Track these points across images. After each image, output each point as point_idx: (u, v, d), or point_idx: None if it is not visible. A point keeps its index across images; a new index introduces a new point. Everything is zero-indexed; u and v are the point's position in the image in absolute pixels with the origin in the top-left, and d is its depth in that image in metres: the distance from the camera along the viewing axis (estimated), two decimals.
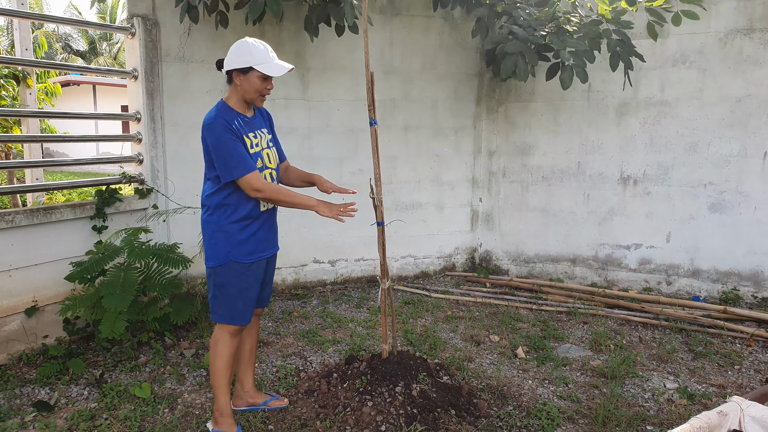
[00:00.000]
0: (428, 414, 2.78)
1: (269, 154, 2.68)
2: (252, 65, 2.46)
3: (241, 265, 2.58)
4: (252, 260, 2.61)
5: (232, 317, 2.63)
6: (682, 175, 4.89)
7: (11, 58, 5.52)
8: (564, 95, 5.20)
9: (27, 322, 3.56)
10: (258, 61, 2.46)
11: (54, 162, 4.47)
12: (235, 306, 2.61)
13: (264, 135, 2.68)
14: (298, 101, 4.96)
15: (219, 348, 2.66)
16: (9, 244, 3.46)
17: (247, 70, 2.48)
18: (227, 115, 2.50)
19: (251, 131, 2.58)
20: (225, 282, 2.59)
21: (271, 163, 2.68)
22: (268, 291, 2.89)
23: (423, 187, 5.50)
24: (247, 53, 2.46)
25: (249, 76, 2.49)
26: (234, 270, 2.58)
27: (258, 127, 2.66)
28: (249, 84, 2.50)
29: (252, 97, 2.55)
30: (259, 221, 2.63)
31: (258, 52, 2.47)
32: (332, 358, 3.66)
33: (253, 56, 2.46)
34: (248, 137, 2.54)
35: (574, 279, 5.37)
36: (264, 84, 2.52)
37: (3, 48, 19.33)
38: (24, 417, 2.83)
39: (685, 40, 4.75)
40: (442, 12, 5.25)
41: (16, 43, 6.51)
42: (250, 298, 2.65)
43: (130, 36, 4.27)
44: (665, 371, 3.54)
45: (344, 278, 5.36)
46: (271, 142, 2.74)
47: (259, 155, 2.59)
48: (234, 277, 2.59)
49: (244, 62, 2.46)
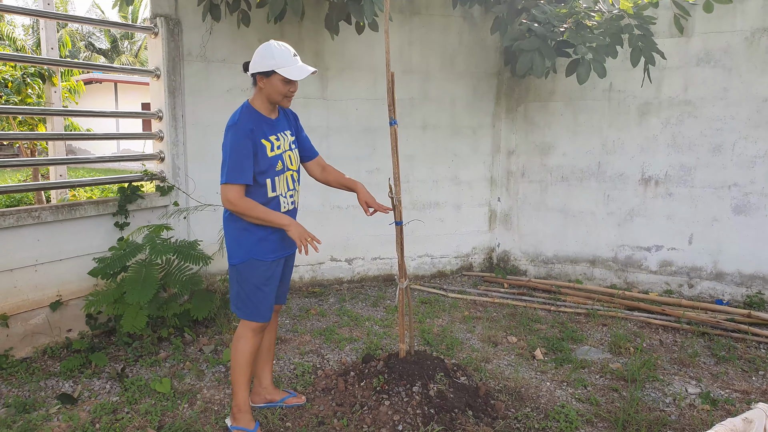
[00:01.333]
0: (445, 414, 2.78)
1: (291, 156, 2.69)
2: (274, 69, 2.47)
3: (261, 263, 2.61)
4: (272, 258, 2.64)
5: (254, 314, 2.66)
6: (706, 176, 4.81)
7: (39, 58, 5.63)
8: (584, 95, 5.15)
9: (51, 316, 3.63)
10: (280, 65, 2.47)
11: (78, 159, 4.54)
12: (257, 303, 2.65)
13: (287, 137, 2.69)
14: (317, 100, 4.98)
15: (241, 345, 2.69)
16: (35, 239, 3.53)
17: (269, 73, 2.49)
18: (251, 119, 2.53)
19: (273, 134, 2.60)
20: (246, 279, 2.62)
21: (292, 165, 2.70)
22: (285, 288, 2.91)
23: (440, 186, 5.49)
24: (269, 57, 2.47)
25: (272, 79, 2.50)
26: (255, 268, 2.61)
27: (281, 129, 2.67)
28: (272, 87, 2.52)
29: (276, 99, 2.57)
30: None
31: (280, 56, 2.48)
32: (349, 356, 3.67)
33: (275, 59, 2.47)
34: (269, 140, 2.57)
35: (593, 280, 5.31)
36: (287, 87, 2.54)
37: (29, 47, 19.70)
38: (49, 409, 2.89)
39: (710, 39, 4.67)
40: (461, 11, 5.23)
41: (42, 42, 6.63)
42: (270, 294, 2.68)
43: (153, 35, 4.32)
44: (687, 375, 3.49)
45: (361, 277, 5.37)
46: (294, 144, 2.76)
47: (280, 158, 2.61)
48: (255, 274, 2.62)
49: (266, 66, 2.48)
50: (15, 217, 3.39)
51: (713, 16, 4.53)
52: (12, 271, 3.43)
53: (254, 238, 2.59)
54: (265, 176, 2.55)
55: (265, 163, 2.54)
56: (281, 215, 2.56)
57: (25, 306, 3.50)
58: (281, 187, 2.65)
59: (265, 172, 2.55)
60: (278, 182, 2.62)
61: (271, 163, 2.57)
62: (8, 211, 3.39)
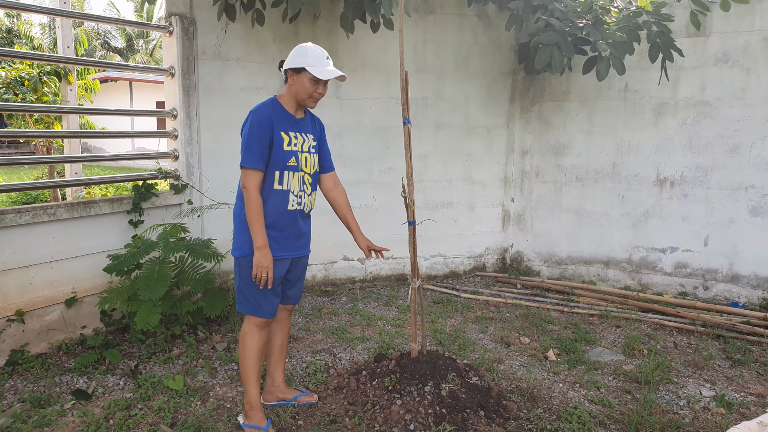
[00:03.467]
0: (457, 414, 2.77)
1: (308, 158, 2.69)
2: (305, 66, 2.52)
3: None
4: (274, 257, 2.59)
5: (255, 309, 2.66)
6: (722, 178, 4.75)
7: (56, 57, 5.69)
8: (600, 94, 5.11)
9: (66, 312, 3.67)
10: (311, 64, 2.52)
11: (93, 157, 4.59)
12: (258, 298, 2.64)
13: (308, 139, 2.71)
14: (330, 99, 4.98)
15: (247, 341, 2.70)
16: (51, 236, 3.57)
17: (300, 70, 2.54)
18: (272, 109, 2.58)
19: (293, 130, 2.62)
20: (247, 274, 2.61)
21: (307, 167, 2.69)
22: (297, 289, 2.89)
23: (454, 186, 5.48)
24: (303, 55, 2.54)
25: (300, 76, 2.55)
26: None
27: (304, 130, 2.70)
28: (300, 85, 2.56)
29: (302, 98, 2.59)
30: (286, 219, 2.63)
31: (313, 56, 2.54)
32: (361, 355, 3.67)
33: (307, 58, 2.53)
34: (287, 134, 2.59)
35: (607, 282, 5.27)
36: (314, 87, 2.57)
37: (45, 45, 19.93)
38: (63, 404, 2.92)
39: (728, 39, 4.61)
40: (476, 10, 5.21)
41: (59, 41, 6.71)
42: (269, 293, 2.66)
43: (168, 34, 4.35)
44: (701, 378, 3.45)
45: (373, 276, 5.37)
46: (315, 149, 2.76)
47: (295, 155, 2.61)
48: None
49: (298, 63, 2.53)
50: (31, 214, 3.43)
51: (731, 15, 4.47)
52: (28, 267, 3.47)
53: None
54: (274, 168, 2.56)
55: (278, 155, 2.56)
56: (263, 235, 2.51)
57: (40, 302, 3.54)
58: (292, 184, 2.63)
59: (276, 163, 2.56)
60: (288, 177, 2.61)
61: (284, 157, 2.58)
62: (24, 208, 3.43)
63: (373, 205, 5.24)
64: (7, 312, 3.36)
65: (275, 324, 2.90)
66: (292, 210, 2.65)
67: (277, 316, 2.88)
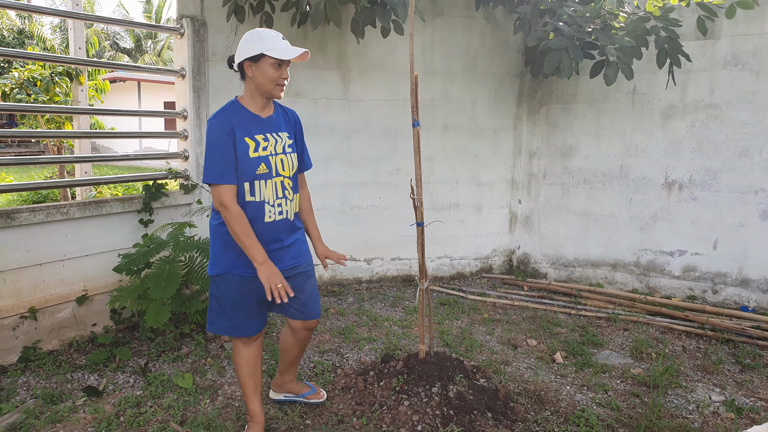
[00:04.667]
0: (464, 416, 2.78)
1: (284, 160, 2.43)
2: (263, 51, 2.26)
3: (238, 278, 2.41)
4: (251, 274, 2.37)
5: (230, 329, 2.49)
6: (731, 181, 4.73)
7: (68, 58, 5.75)
8: (607, 97, 5.11)
9: (77, 310, 3.71)
10: (269, 47, 2.26)
11: (103, 157, 4.64)
12: (233, 319, 2.47)
13: (281, 139, 2.44)
14: (338, 101, 5.01)
15: (236, 358, 2.59)
16: (63, 235, 3.61)
17: (258, 57, 2.28)
18: (231, 115, 2.33)
19: (261, 133, 2.37)
20: (221, 293, 2.44)
21: (285, 170, 2.44)
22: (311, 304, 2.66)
23: (461, 187, 5.49)
24: (257, 40, 2.28)
25: (260, 64, 2.28)
26: (231, 282, 2.42)
27: (273, 130, 2.43)
28: (262, 74, 2.30)
29: (267, 88, 2.32)
30: (266, 234, 2.39)
31: (269, 38, 2.28)
32: (368, 356, 3.69)
33: (263, 42, 2.27)
34: (253, 139, 2.34)
35: (615, 284, 5.26)
36: (278, 72, 2.31)
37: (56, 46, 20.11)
38: (75, 401, 2.96)
39: (737, 42, 4.60)
40: (484, 12, 5.22)
41: (70, 42, 6.78)
42: (247, 311, 2.48)
43: (179, 36, 4.39)
44: (710, 383, 3.44)
45: (379, 277, 5.39)
46: (291, 148, 2.50)
47: (265, 160, 2.36)
48: (231, 289, 2.44)
49: (254, 50, 2.27)
50: (45, 213, 3.48)
51: (740, 19, 4.46)
52: (41, 265, 3.51)
53: (234, 250, 2.37)
54: (242, 179, 2.32)
55: (245, 164, 2.31)
56: (258, 250, 2.28)
57: (52, 300, 3.58)
58: (266, 193, 2.38)
59: (244, 174, 2.31)
60: (260, 187, 2.36)
61: (252, 165, 2.32)
62: (38, 207, 3.47)
63: (380, 205, 5.26)
64: (21, 309, 3.41)
65: (293, 339, 2.75)
66: (271, 221, 2.41)
67: (297, 333, 2.71)
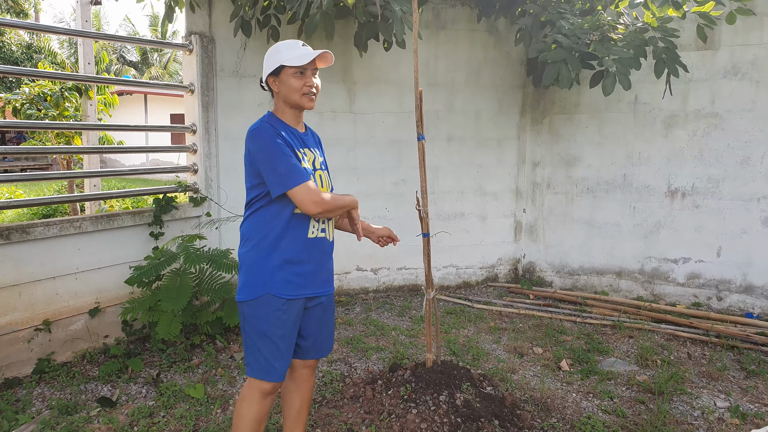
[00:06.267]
0: (472, 423, 2.82)
1: (322, 176, 2.31)
2: (281, 63, 2.16)
3: (277, 300, 2.14)
4: (292, 296, 2.17)
5: (265, 370, 2.18)
6: (734, 189, 4.77)
7: (81, 76, 5.86)
8: (609, 107, 5.17)
9: (90, 322, 3.78)
10: (286, 57, 2.16)
11: (114, 172, 4.72)
12: (267, 355, 2.17)
13: (317, 156, 2.32)
14: (344, 114, 5.09)
15: (245, 408, 2.23)
16: (76, 248, 3.69)
17: (278, 70, 2.19)
18: (276, 124, 2.20)
19: (301, 147, 2.23)
20: (258, 321, 2.16)
21: (324, 186, 2.30)
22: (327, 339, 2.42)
23: (466, 197, 5.54)
24: (275, 53, 2.20)
25: (282, 76, 2.19)
26: (270, 306, 2.15)
27: (310, 146, 2.32)
28: (285, 86, 2.19)
29: (295, 99, 2.19)
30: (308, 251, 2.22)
31: (287, 48, 2.18)
32: (376, 365, 3.74)
33: (281, 53, 2.18)
34: (300, 151, 2.19)
35: (619, 292, 5.29)
36: (302, 80, 2.17)
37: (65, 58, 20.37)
38: (89, 412, 3.02)
39: (736, 52, 4.66)
40: (486, 25, 5.31)
41: (80, 58, 6.91)
42: (285, 345, 2.20)
43: (188, 52, 4.49)
44: (715, 389, 3.47)
45: (386, 286, 5.44)
46: (324, 166, 2.38)
47: (311, 173, 2.20)
48: (270, 315, 2.15)
49: (273, 63, 2.19)
50: (58, 227, 3.56)
51: (740, 29, 4.53)
52: (54, 278, 3.59)
53: (271, 267, 2.15)
54: None
55: None
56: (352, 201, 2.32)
57: (66, 312, 3.66)
58: None
59: None
60: None
61: None
62: (52, 221, 3.56)
63: (385, 216, 5.33)
64: (35, 321, 3.48)
65: (292, 383, 2.44)
66: (313, 238, 2.23)
67: (296, 374, 2.42)
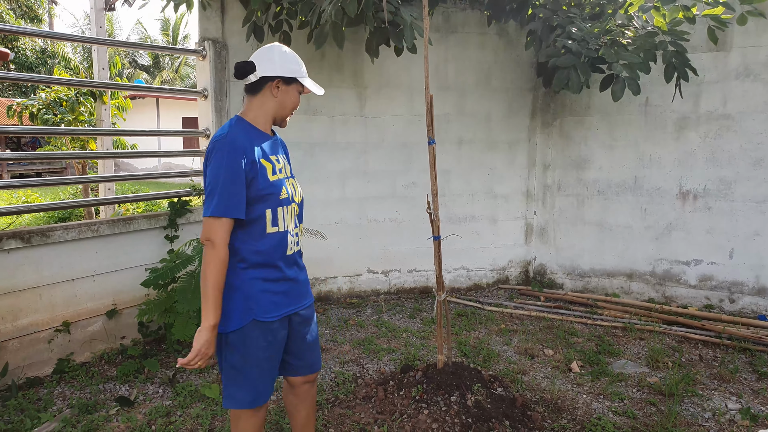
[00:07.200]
0: (483, 424, 2.85)
1: (294, 184, 2.17)
2: (298, 77, 2.07)
3: (262, 325, 2.01)
4: (277, 316, 2.05)
5: (253, 400, 2.06)
6: (746, 191, 4.76)
7: (96, 82, 5.96)
8: (620, 109, 5.17)
9: (107, 323, 3.85)
10: (303, 74, 2.09)
11: (129, 176, 4.80)
12: (257, 383, 2.06)
13: (286, 162, 2.20)
14: (355, 118, 5.14)
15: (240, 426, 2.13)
16: (94, 251, 3.77)
17: (291, 80, 2.06)
18: (245, 133, 2.01)
19: (273, 153, 2.10)
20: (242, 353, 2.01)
21: (296, 196, 2.16)
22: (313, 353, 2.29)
23: (476, 199, 5.57)
24: (294, 62, 2.07)
25: (290, 88, 2.07)
26: (255, 334, 2.01)
27: (280, 152, 2.18)
28: (289, 98, 2.08)
29: (285, 114, 2.12)
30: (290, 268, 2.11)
31: (302, 65, 2.11)
32: (388, 366, 3.78)
33: (301, 67, 2.09)
34: (269, 160, 2.04)
35: (631, 294, 5.29)
36: (297, 101, 2.13)
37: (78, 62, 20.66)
38: (109, 411, 3.09)
39: (748, 53, 4.65)
40: (496, 28, 5.34)
41: (94, 63, 7.03)
42: (271, 366, 2.09)
43: (201, 58, 4.56)
44: (727, 391, 3.47)
45: (397, 288, 5.48)
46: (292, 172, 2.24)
47: (284, 184, 2.07)
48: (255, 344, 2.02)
49: (290, 71, 2.04)
50: (77, 231, 3.64)
51: (752, 30, 4.52)
52: (73, 281, 3.67)
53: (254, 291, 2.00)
54: (264, 205, 1.99)
55: (266, 187, 1.99)
56: (218, 311, 1.92)
57: (84, 314, 3.74)
58: (288, 221, 2.08)
59: (265, 199, 1.99)
60: (282, 214, 2.05)
61: (274, 189, 2.01)
62: (71, 225, 3.64)
63: (396, 218, 5.37)
64: (55, 323, 3.56)
65: (295, 397, 2.33)
66: (291, 254, 2.11)
67: (297, 390, 2.31)
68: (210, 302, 1.90)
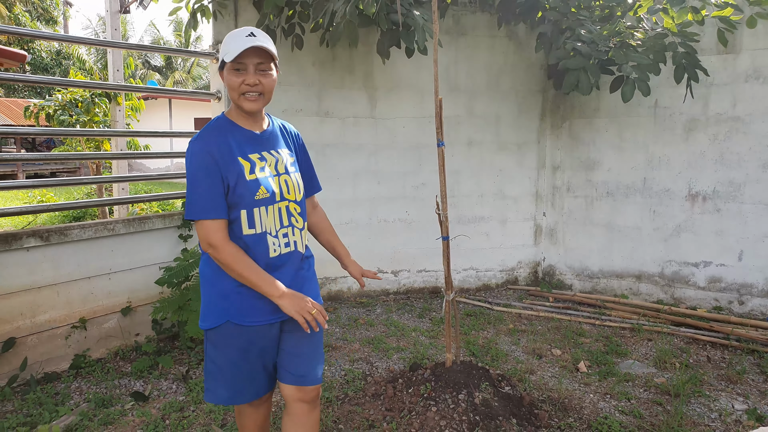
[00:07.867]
0: (490, 422, 2.89)
1: (288, 181, 2.02)
2: (222, 57, 1.91)
3: (239, 328, 1.95)
4: (254, 323, 1.95)
5: (231, 397, 2.04)
6: (756, 192, 4.76)
7: (112, 85, 6.08)
8: (629, 111, 5.19)
9: (122, 320, 3.94)
10: (225, 50, 1.89)
11: (141, 177, 4.90)
12: (234, 383, 2.02)
13: (281, 157, 2.04)
14: (366, 119, 5.20)
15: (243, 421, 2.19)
16: (110, 250, 3.85)
17: (223, 65, 1.93)
18: (218, 132, 1.93)
19: (255, 151, 1.97)
20: (218, 352, 1.99)
21: (290, 193, 2.02)
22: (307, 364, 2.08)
23: (485, 200, 5.61)
24: (227, 43, 1.90)
25: (225, 72, 1.93)
26: (231, 335, 1.96)
27: (271, 147, 2.03)
28: (229, 80, 1.90)
29: (233, 98, 1.93)
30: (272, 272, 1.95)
31: (231, 39, 1.89)
32: (397, 364, 3.83)
33: (224, 45, 1.91)
34: (247, 159, 1.93)
35: (639, 295, 5.30)
36: (239, 78, 1.88)
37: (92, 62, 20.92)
38: (124, 405, 3.17)
39: (758, 56, 4.65)
40: (506, 30, 5.37)
41: (109, 65, 7.15)
42: (251, 371, 2.02)
43: (215, 61, 4.64)
44: (734, 392, 3.49)
45: (406, 288, 5.53)
46: (295, 167, 2.10)
47: (264, 183, 1.94)
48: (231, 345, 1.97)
49: (222, 54, 1.92)
50: (93, 230, 3.73)
51: (761, 33, 4.53)
52: (90, 278, 3.76)
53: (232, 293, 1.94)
54: (238, 207, 1.90)
55: (241, 188, 1.89)
56: (271, 282, 1.87)
57: (100, 311, 3.83)
58: (268, 223, 1.95)
59: (239, 200, 1.90)
60: (260, 216, 1.93)
61: (249, 189, 1.90)
62: (88, 224, 3.73)
63: (406, 219, 5.42)
64: (72, 319, 3.65)
65: (288, 419, 2.10)
66: (277, 256, 1.98)
67: (291, 408, 2.08)
68: (259, 284, 1.86)
